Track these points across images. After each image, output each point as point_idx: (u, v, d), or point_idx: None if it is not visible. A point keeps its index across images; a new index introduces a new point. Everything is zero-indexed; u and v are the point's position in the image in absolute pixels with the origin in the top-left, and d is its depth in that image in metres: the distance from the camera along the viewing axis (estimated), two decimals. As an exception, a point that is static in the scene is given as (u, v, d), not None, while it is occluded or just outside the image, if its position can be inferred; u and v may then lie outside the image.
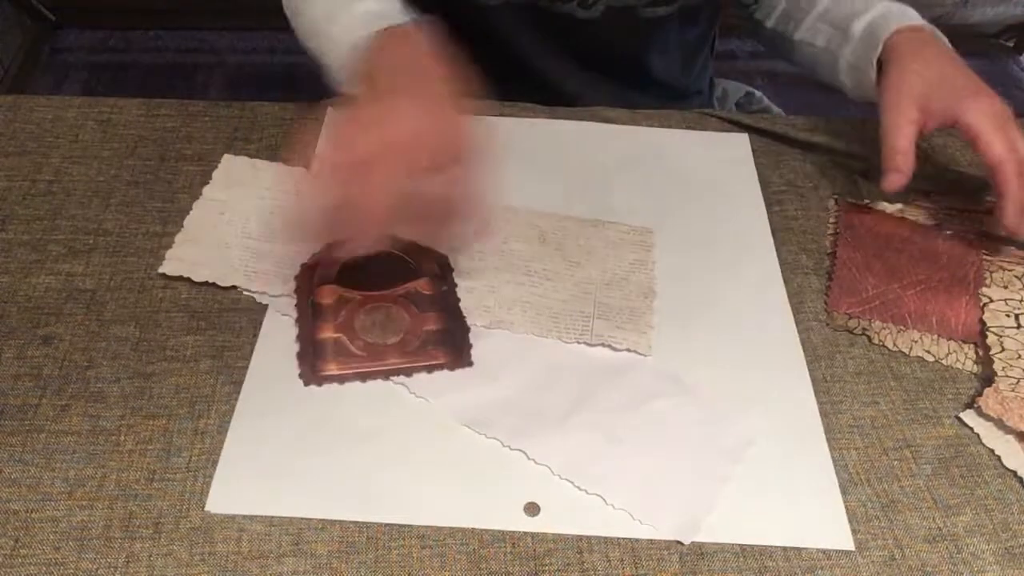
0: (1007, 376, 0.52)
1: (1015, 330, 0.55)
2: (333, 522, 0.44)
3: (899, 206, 0.64)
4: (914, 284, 0.58)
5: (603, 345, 0.53)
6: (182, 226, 0.58)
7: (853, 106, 0.68)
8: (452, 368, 0.51)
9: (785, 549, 0.45)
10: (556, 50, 0.74)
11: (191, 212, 0.58)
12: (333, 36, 0.58)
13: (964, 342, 0.55)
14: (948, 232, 0.61)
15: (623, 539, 0.45)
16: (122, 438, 0.47)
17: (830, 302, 0.57)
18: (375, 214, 0.46)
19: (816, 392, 0.52)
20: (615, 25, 0.70)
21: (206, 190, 0.60)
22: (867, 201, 0.64)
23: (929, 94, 0.57)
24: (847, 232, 0.61)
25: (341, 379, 0.50)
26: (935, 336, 0.55)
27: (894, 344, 0.55)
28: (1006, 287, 0.58)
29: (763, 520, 0.46)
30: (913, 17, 0.62)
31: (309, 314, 0.53)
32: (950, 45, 0.62)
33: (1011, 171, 0.54)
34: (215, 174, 0.61)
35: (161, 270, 0.55)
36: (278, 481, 0.46)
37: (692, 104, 0.86)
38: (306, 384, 0.50)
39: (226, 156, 0.63)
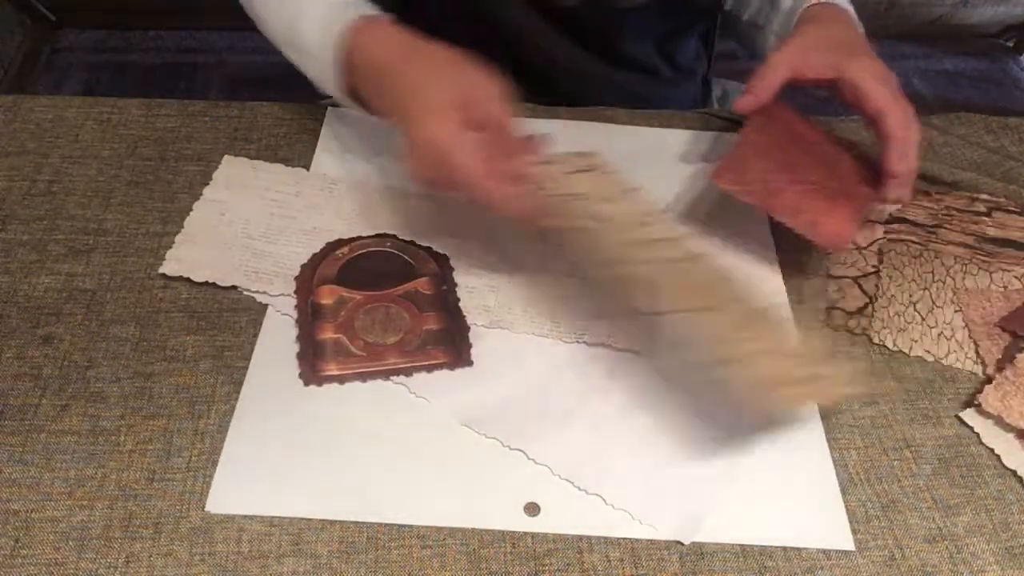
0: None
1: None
2: (333, 522, 0.44)
3: (899, 206, 0.64)
4: (801, 182, 0.57)
5: (603, 345, 0.53)
6: (182, 226, 0.58)
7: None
8: (452, 368, 0.51)
9: (785, 549, 0.45)
10: (548, 36, 0.74)
11: (191, 213, 0.58)
12: (305, 44, 0.57)
13: (962, 344, 0.55)
14: (857, 156, 0.60)
15: (623, 539, 0.45)
16: (122, 438, 0.47)
17: (713, 172, 0.56)
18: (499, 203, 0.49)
19: (816, 392, 0.52)
20: (593, 13, 0.71)
21: (206, 191, 0.60)
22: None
23: (814, 47, 0.59)
24: (760, 117, 0.60)
25: (341, 379, 0.50)
26: (935, 338, 0.55)
27: (894, 344, 0.55)
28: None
29: (763, 520, 0.46)
30: None
31: (309, 314, 0.53)
32: (861, 27, 0.64)
33: (895, 117, 0.55)
34: (215, 174, 0.61)
35: (161, 270, 0.55)
36: (278, 481, 0.46)
37: (683, 88, 0.86)
38: (306, 384, 0.50)
39: (226, 157, 0.63)
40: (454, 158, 0.48)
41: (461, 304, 0.55)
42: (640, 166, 0.65)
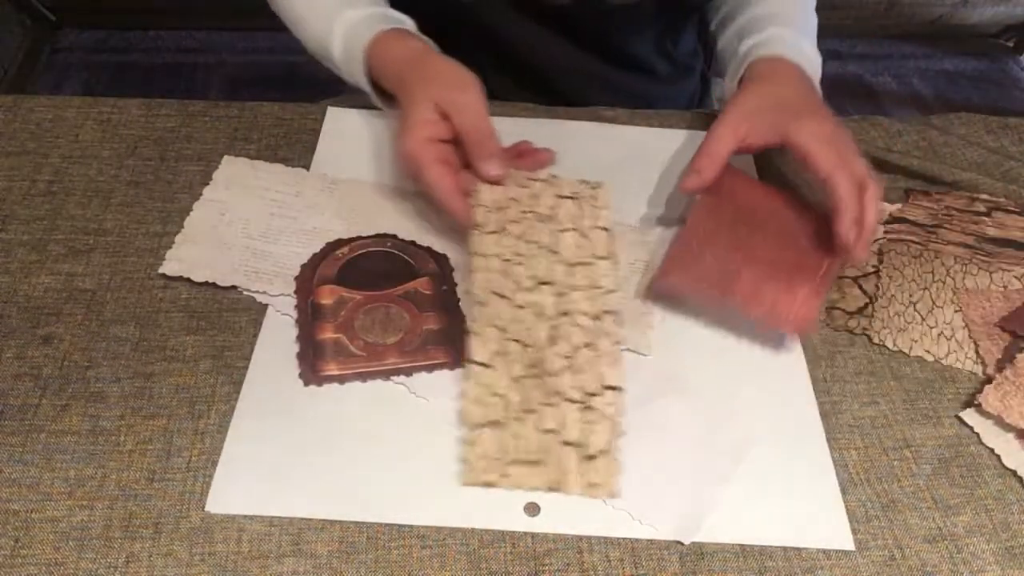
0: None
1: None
2: (333, 522, 0.44)
3: (898, 206, 0.64)
4: (757, 261, 0.54)
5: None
6: (182, 226, 0.58)
7: (852, 106, 0.68)
8: (452, 368, 0.51)
9: (785, 549, 0.45)
10: (540, 36, 0.74)
11: (191, 212, 0.58)
12: (335, 62, 0.63)
13: (962, 344, 0.55)
14: (815, 219, 0.56)
15: (623, 539, 0.45)
16: (122, 438, 0.47)
17: (659, 272, 0.54)
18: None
19: (816, 392, 0.52)
20: (585, 12, 0.71)
21: (206, 191, 0.60)
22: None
23: (759, 111, 0.56)
24: (709, 197, 0.57)
25: (341, 379, 0.50)
26: (935, 338, 0.55)
27: (894, 344, 0.55)
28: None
29: (763, 520, 0.46)
30: (789, 48, 0.61)
31: (309, 314, 0.53)
32: (816, 73, 0.62)
33: (841, 181, 0.52)
34: (215, 175, 0.61)
35: (161, 270, 0.55)
36: (278, 481, 0.46)
37: (680, 85, 0.86)
38: (306, 384, 0.50)
39: (226, 157, 0.63)
40: (423, 174, 0.53)
41: (461, 304, 0.55)
42: (639, 166, 0.66)
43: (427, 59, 0.57)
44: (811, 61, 0.62)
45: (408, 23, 0.62)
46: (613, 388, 0.48)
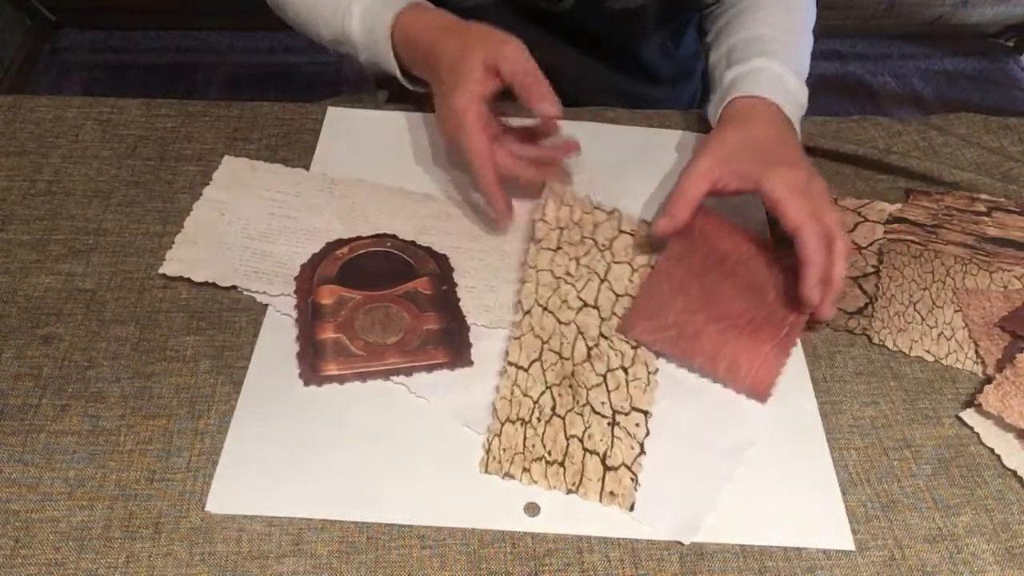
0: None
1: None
2: (333, 522, 0.44)
3: (898, 206, 0.64)
4: (722, 318, 0.53)
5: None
6: (182, 226, 0.58)
7: (851, 107, 0.68)
8: (452, 368, 0.51)
9: (785, 549, 0.45)
10: (541, 40, 0.74)
11: (191, 213, 0.58)
12: (355, 42, 0.63)
13: (962, 344, 0.55)
14: (785, 269, 0.55)
15: (623, 539, 0.45)
16: (122, 438, 0.47)
17: (625, 320, 0.53)
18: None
19: (816, 392, 0.52)
20: (587, 15, 0.71)
21: (206, 191, 0.60)
22: (866, 201, 0.64)
23: (733, 157, 0.55)
24: (680, 241, 0.56)
25: (341, 379, 0.50)
26: (935, 338, 0.55)
27: (894, 344, 0.55)
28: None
29: (763, 520, 0.46)
30: (769, 86, 0.60)
31: (309, 314, 0.53)
32: (794, 119, 0.60)
33: (810, 235, 0.51)
34: (215, 175, 0.61)
35: (161, 271, 0.55)
36: (278, 481, 0.46)
37: (681, 87, 0.86)
38: (306, 384, 0.50)
39: (226, 158, 0.63)
40: (466, 136, 0.55)
41: (461, 304, 0.55)
42: (639, 166, 0.66)
43: (462, 25, 0.59)
44: (793, 98, 0.61)
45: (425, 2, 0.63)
46: (642, 411, 0.49)
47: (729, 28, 0.68)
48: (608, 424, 0.49)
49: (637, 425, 0.49)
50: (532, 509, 0.46)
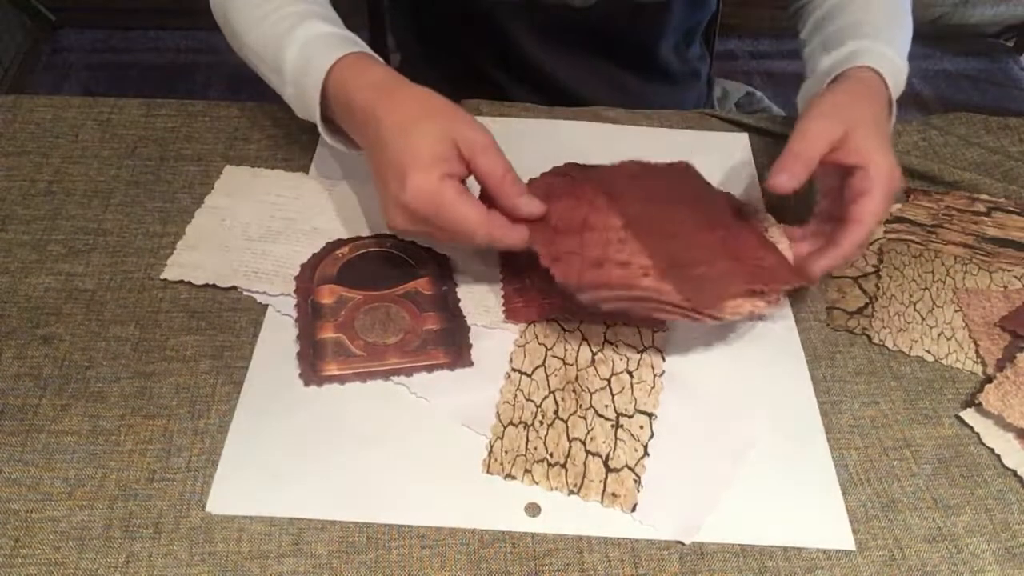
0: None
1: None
2: (333, 522, 0.44)
3: (898, 206, 0.64)
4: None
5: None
6: (182, 226, 0.58)
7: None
8: (452, 368, 0.51)
9: (785, 549, 0.45)
10: (553, 41, 0.74)
11: (193, 220, 0.58)
12: (287, 74, 0.55)
13: (962, 344, 0.55)
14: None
15: (623, 539, 0.45)
16: (122, 438, 0.47)
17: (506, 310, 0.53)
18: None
19: (816, 392, 0.52)
20: (612, 12, 0.70)
21: (208, 198, 0.60)
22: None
23: (855, 130, 0.53)
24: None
25: (341, 379, 0.50)
26: (935, 338, 0.55)
27: (894, 344, 0.55)
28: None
29: (763, 520, 0.46)
30: (871, 56, 0.59)
31: (309, 314, 0.53)
32: (891, 87, 0.59)
33: (859, 233, 0.51)
34: (217, 184, 0.61)
35: (163, 276, 0.55)
36: (278, 481, 0.46)
37: (689, 89, 0.86)
38: (306, 384, 0.50)
39: (227, 168, 0.63)
40: (449, 213, 0.47)
41: (461, 304, 0.55)
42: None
43: (418, 91, 0.51)
44: (892, 66, 0.59)
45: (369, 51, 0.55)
46: (646, 413, 0.49)
47: (831, 15, 0.66)
48: (612, 427, 0.49)
49: (641, 427, 0.49)
50: (533, 509, 0.46)
